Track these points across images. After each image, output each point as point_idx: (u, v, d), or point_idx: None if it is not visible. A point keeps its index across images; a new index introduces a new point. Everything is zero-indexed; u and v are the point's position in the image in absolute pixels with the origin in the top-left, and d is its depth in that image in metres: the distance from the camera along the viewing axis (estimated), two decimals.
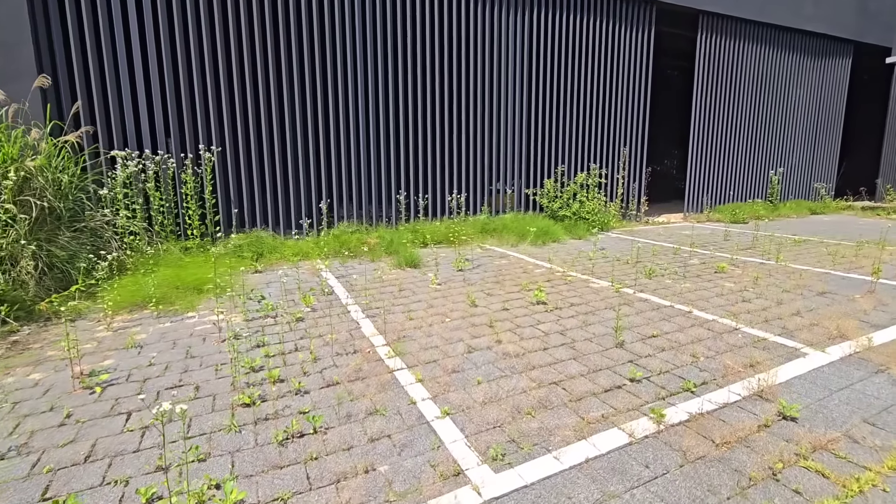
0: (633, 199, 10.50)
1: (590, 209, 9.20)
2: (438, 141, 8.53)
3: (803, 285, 5.16)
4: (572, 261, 6.52)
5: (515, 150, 9.15)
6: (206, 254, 6.45)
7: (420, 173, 8.45)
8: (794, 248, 7.41)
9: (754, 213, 11.58)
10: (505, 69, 8.84)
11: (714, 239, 8.44)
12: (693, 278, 5.53)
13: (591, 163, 9.93)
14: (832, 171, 13.90)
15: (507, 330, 3.93)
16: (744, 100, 11.84)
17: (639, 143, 10.39)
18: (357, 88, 7.76)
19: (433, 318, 4.23)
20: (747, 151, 12.18)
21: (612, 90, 9.95)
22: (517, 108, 9.03)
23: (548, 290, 5.08)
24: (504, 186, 9.18)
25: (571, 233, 8.63)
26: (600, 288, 5.15)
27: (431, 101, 8.37)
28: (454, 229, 8.20)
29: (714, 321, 4.06)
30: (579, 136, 9.75)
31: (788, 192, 13.12)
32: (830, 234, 9.08)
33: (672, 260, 6.59)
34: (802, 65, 12.59)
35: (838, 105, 13.55)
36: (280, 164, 7.42)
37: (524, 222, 8.57)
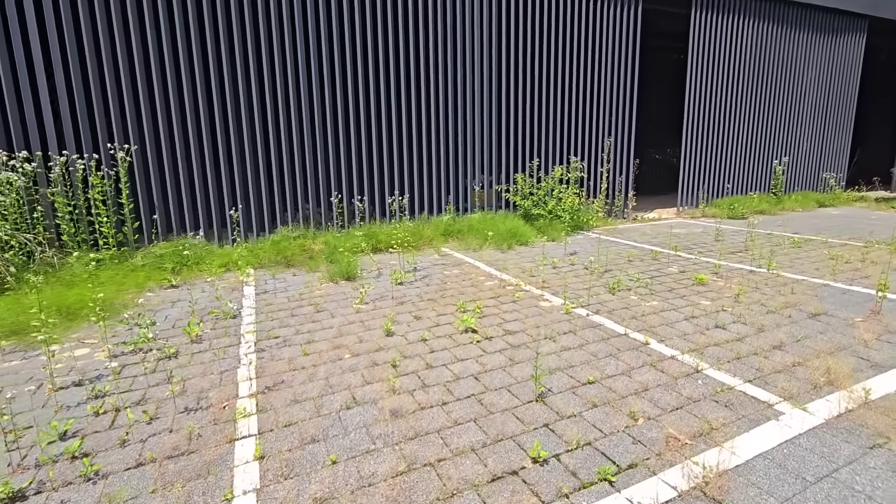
0: (619, 195, 9.61)
1: (567, 207, 8.36)
2: (396, 134, 7.73)
3: (794, 303, 4.32)
4: (532, 270, 5.72)
5: (485, 142, 8.32)
6: (122, 266, 5.77)
7: (376, 171, 7.67)
8: (791, 251, 6.52)
9: (755, 206, 10.62)
10: (471, 53, 7.98)
11: (704, 239, 7.56)
12: (664, 293, 4.71)
13: (570, 155, 9.06)
14: (843, 160, 12.83)
15: (411, 372, 3.17)
16: (744, 83, 10.82)
17: (625, 132, 9.48)
18: (300, 74, 6.97)
19: (331, 354, 3.49)
20: (748, 139, 11.19)
21: (595, 75, 9.03)
22: (486, 97, 8.17)
23: (488, 311, 4.30)
24: (472, 183, 8.36)
25: (544, 234, 7.81)
26: (550, 308, 4.36)
27: (386, 91, 7.55)
28: (414, 232, 7.43)
29: (672, 359, 3.26)
30: (557, 126, 8.87)
31: (794, 183, 12.11)
32: (837, 231, 8.14)
33: (647, 268, 5.76)
34: (810, 43, 11.51)
35: (851, 87, 12.45)
36: (211, 163, 6.68)
37: (493, 223, 7.76)
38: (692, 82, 10.07)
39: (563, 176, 8.91)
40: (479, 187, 8.39)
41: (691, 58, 9.95)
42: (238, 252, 6.40)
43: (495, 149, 8.41)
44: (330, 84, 7.16)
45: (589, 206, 9.18)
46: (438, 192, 8.18)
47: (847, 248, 6.67)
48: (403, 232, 7.37)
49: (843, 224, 8.93)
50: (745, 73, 10.77)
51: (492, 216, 8.13)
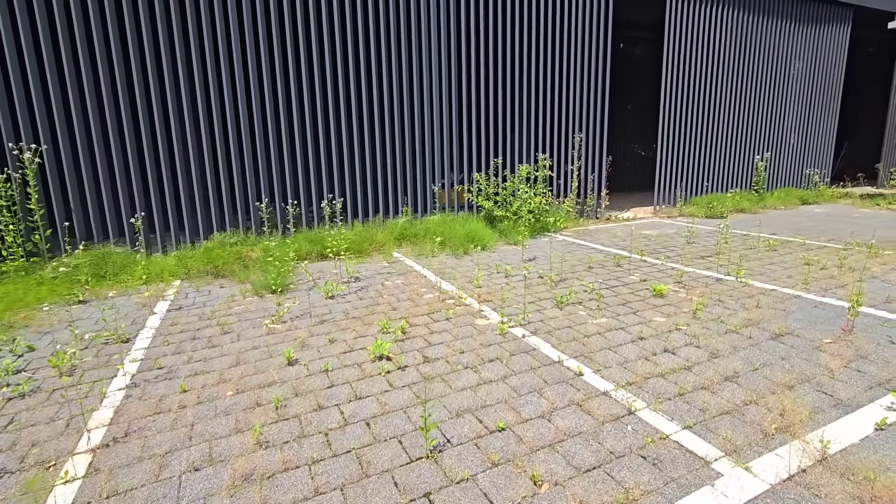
0: (591, 194, 9.13)
1: (533, 207, 7.86)
2: (346, 132, 7.19)
3: (758, 321, 3.85)
4: (481, 279, 5.22)
5: (444, 140, 7.79)
6: (28, 278, 5.22)
7: (324, 171, 7.13)
8: (765, 256, 6.06)
9: (735, 205, 10.18)
10: (427, 44, 7.44)
11: (675, 242, 7.10)
12: (617, 308, 4.22)
13: (538, 153, 8.56)
14: (828, 155, 12.42)
15: (294, 416, 2.66)
16: (724, 75, 10.35)
17: (597, 128, 8.99)
18: (247, 64, 6.42)
19: (212, 391, 2.98)
20: (729, 134, 10.73)
21: (565, 67, 8.52)
22: (445, 91, 7.64)
23: (415, 331, 3.80)
24: (431, 183, 7.83)
25: (507, 237, 7.32)
26: (486, 327, 3.86)
27: (334, 87, 7.01)
28: (365, 236, 6.92)
29: (604, 396, 2.77)
30: (524, 121, 8.36)
31: (777, 180, 11.69)
32: (817, 232, 7.70)
33: (607, 276, 5.27)
34: (793, 34, 11.06)
35: (835, 80, 12.02)
36: (136, 162, 6.11)
37: (452, 225, 7.25)
38: (668, 75, 9.59)
39: (529, 174, 8.41)
40: (438, 188, 7.87)
41: (667, 49, 9.47)
42: (167, 261, 5.86)
43: (456, 146, 7.90)
44: (283, 81, 6.61)
45: (558, 207, 8.69)
46: (395, 192, 7.66)
47: (825, 252, 6.22)
48: (354, 236, 6.87)
49: (825, 223, 8.50)
50: (725, 64, 10.30)
51: (452, 218, 7.62)
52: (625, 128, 14.88)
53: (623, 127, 14.82)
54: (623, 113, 14.66)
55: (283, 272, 5.29)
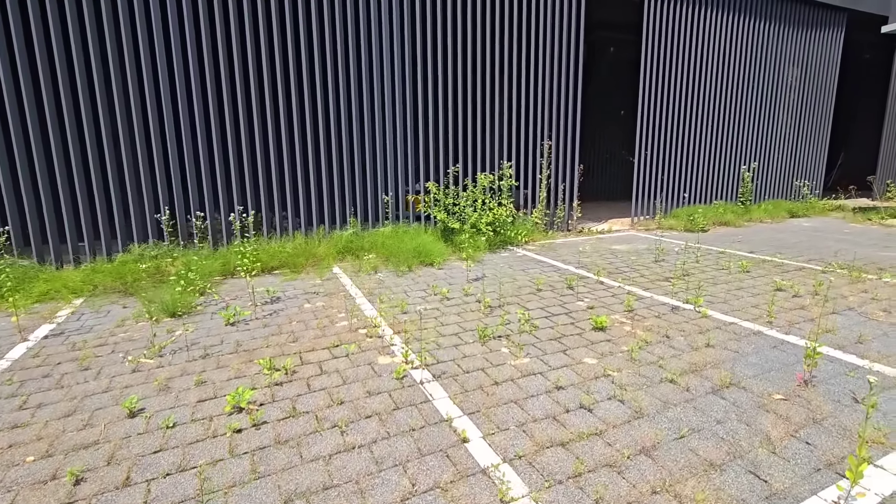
0: (561, 205, 8.57)
1: (492, 219, 7.31)
2: (286, 135, 6.66)
3: (703, 365, 3.28)
4: (411, 303, 4.67)
5: (399, 145, 7.25)
6: None
7: (262, 178, 6.60)
8: (735, 279, 5.49)
9: (719, 217, 9.61)
10: (378, 43, 6.92)
11: (643, 259, 6.53)
12: (546, 345, 3.66)
13: (502, 160, 8.01)
14: (819, 166, 11.83)
15: (81, 499, 2.11)
16: (707, 81, 9.80)
17: (568, 134, 8.44)
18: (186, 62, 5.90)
19: (13, 455, 2.43)
20: (714, 142, 10.17)
21: (532, 69, 7.98)
22: (399, 94, 7.11)
23: (304, 370, 3.25)
24: (382, 193, 7.28)
25: (461, 252, 6.76)
26: (384, 367, 3.31)
27: (272, 91, 6.49)
28: (305, 250, 6.38)
29: (481, 476, 2.21)
30: (486, 126, 7.82)
31: (765, 191, 11.10)
32: (799, 250, 7.12)
33: (551, 302, 4.71)
34: (783, 37, 10.50)
35: (828, 87, 11.45)
36: (43, 162, 5.60)
37: (402, 238, 6.71)
38: (647, 78, 9.04)
39: (492, 184, 7.86)
40: (390, 197, 7.31)
41: (645, 50, 8.92)
42: (73, 276, 5.33)
43: (412, 153, 7.35)
44: (215, 79, 6.09)
45: (524, 219, 8.14)
46: (342, 202, 7.11)
47: (802, 275, 5.64)
48: (292, 250, 6.34)
49: (810, 240, 7.91)
50: (709, 69, 9.75)
51: (405, 230, 7.07)
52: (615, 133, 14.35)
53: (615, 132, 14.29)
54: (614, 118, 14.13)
55: (189, 292, 4.76)
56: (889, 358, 3.35)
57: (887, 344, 3.59)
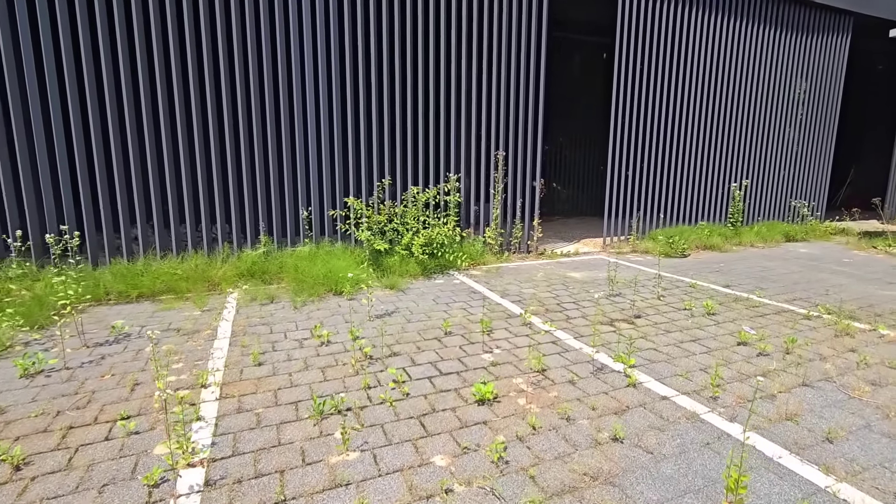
0: (518, 223, 7.61)
1: (427, 241, 6.38)
2: (184, 132, 5.82)
3: (595, 477, 2.31)
4: (282, 349, 3.76)
5: (324, 152, 6.37)
6: None
7: (153, 187, 5.75)
8: (696, 324, 4.49)
9: (703, 240, 8.58)
10: (298, 38, 6.07)
11: (594, 294, 5.55)
12: (400, 426, 2.71)
13: (448, 172, 7.09)
14: (822, 184, 10.73)
15: None
16: (693, 87, 8.81)
17: (528, 144, 7.50)
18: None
19: None
20: (699, 157, 9.16)
21: (485, 69, 7.08)
22: (323, 92, 6.24)
23: (39, 462, 2.35)
24: (301, 207, 6.38)
25: (385, 278, 5.84)
26: (150, 462, 2.39)
27: (182, 91, 5.66)
28: (199, 272, 5.51)
29: None
30: (429, 134, 6.91)
31: (759, 211, 10.03)
32: (787, 283, 6.09)
33: (451, 353, 3.76)
34: (781, 43, 9.49)
35: (833, 96, 10.39)
36: None
37: (320, 261, 5.81)
38: (622, 84, 8.08)
39: (436, 199, 6.94)
40: (307, 213, 6.39)
41: (619, 52, 7.98)
42: None
43: (340, 163, 6.46)
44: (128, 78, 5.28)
45: (473, 239, 7.20)
46: (254, 216, 6.23)
47: (781, 321, 4.63)
48: (184, 271, 5.47)
49: (802, 271, 6.85)
50: (695, 74, 8.77)
51: (327, 250, 6.17)
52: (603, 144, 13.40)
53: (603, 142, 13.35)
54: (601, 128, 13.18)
55: (17, 326, 3.90)
56: (864, 474, 2.35)
57: (867, 446, 2.59)
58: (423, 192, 6.81)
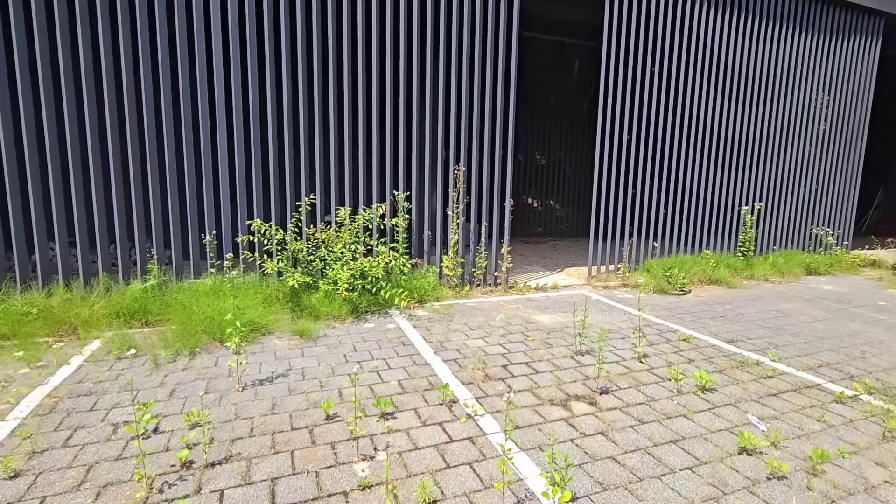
0: (481, 251, 6.41)
1: (366, 271, 5.21)
2: (54, 134, 4.77)
3: None
4: (68, 443, 2.62)
5: (237, 165, 5.28)
6: None
7: (10, 200, 4.69)
8: (680, 411, 3.23)
9: (707, 273, 7.29)
10: (203, 25, 5.02)
11: (558, 349, 4.31)
12: None
13: (396, 190, 5.95)
14: (848, 208, 9.37)
15: None
16: (697, 96, 7.61)
17: (494, 157, 6.34)
18: None
19: None
20: (704, 175, 7.91)
21: (442, 70, 5.97)
22: (236, 93, 5.17)
23: None
24: (201, 232, 5.25)
25: (300, 320, 4.67)
26: None
27: (76, 90, 4.63)
28: (64, 311, 4.41)
29: None
30: (373, 144, 5.79)
31: (774, 238, 8.71)
32: (809, 338, 4.79)
33: (295, 466, 2.57)
34: (801, 47, 8.26)
35: (860, 109, 9.08)
36: None
37: (223, 297, 4.69)
38: (609, 90, 6.91)
39: (381, 221, 5.79)
40: (207, 239, 5.24)
41: (608, 52, 6.82)
42: None
43: (258, 179, 5.36)
44: None
45: (427, 270, 6.02)
46: (145, 240, 5.13)
47: (800, 408, 3.35)
48: (40, 311, 4.39)
49: (827, 319, 5.54)
50: (699, 79, 7.56)
51: (237, 285, 5.04)
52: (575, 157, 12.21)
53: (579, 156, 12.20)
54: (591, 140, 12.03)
55: None
56: None
57: None
58: (361, 212, 5.66)
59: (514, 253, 9.63)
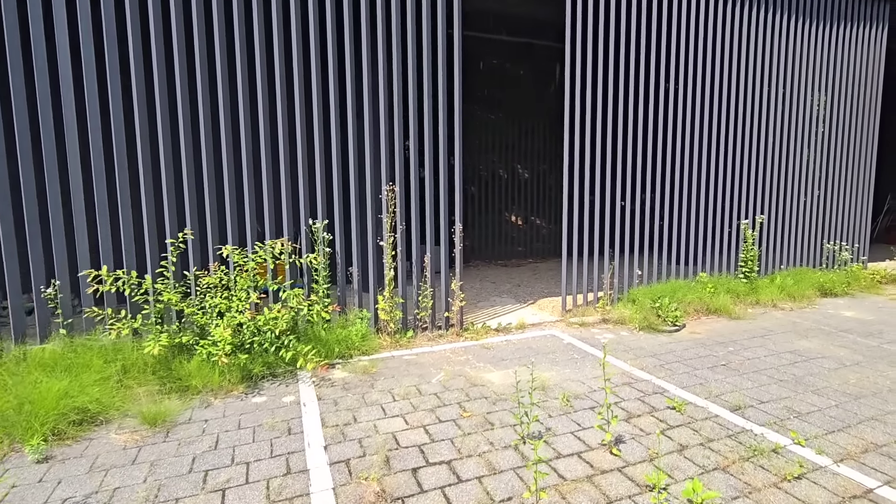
0: (425, 289, 5.24)
1: (262, 324, 4.06)
2: None
3: None
4: None
5: (100, 201, 4.17)
6: None
7: None
8: None
9: (705, 300, 6.14)
10: None
11: (500, 433, 3.12)
12: None
13: (312, 218, 4.83)
14: (862, 218, 8.25)
15: None
16: (685, 90, 6.55)
17: (438, 174, 5.23)
18: None
19: None
20: (696, 186, 6.81)
21: (366, 72, 4.91)
22: (92, 103, 4.10)
23: None
24: (42, 283, 4.09)
25: (164, 399, 3.51)
26: None
27: None
28: None
29: None
30: (278, 162, 4.69)
31: (780, 256, 7.57)
32: (839, 399, 3.61)
33: None
34: (802, 35, 7.24)
35: (871, 104, 8.03)
36: None
37: (64, 369, 3.54)
38: (576, 82, 5.84)
39: (286, 258, 4.65)
40: (52, 289, 4.07)
41: (572, 41, 5.77)
42: None
43: (125, 211, 4.25)
44: None
45: (357, 314, 4.87)
46: None
47: None
48: None
49: (859, 363, 4.36)
50: (686, 72, 6.52)
51: (97, 347, 3.89)
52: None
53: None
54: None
55: None
56: None
57: None
58: (233, 250, 4.50)
59: (485, 280, 8.51)
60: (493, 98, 10.63)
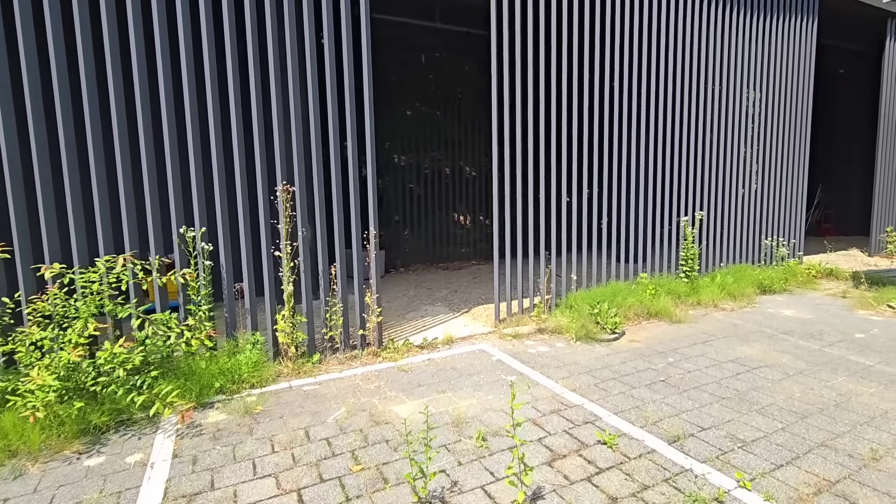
0: (334, 304, 4.53)
1: (90, 367, 3.23)
2: None
3: None
4: None
5: None
6: None
7: None
8: None
9: (644, 304, 5.77)
10: None
11: (387, 494, 2.51)
12: None
13: (187, 225, 4.02)
14: (796, 213, 8.23)
15: None
16: (617, 84, 6.16)
17: (347, 171, 4.54)
18: None
19: None
20: (632, 182, 6.45)
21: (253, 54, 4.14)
22: None
23: None
24: None
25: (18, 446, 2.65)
26: None
27: None
28: None
29: None
30: (139, 157, 3.86)
31: (720, 254, 7.38)
32: (787, 419, 3.20)
33: None
34: (734, 28, 7.03)
35: (802, 99, 7.99)
36: None
37: None
38: (501, 72, 5.30)
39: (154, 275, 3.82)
40: None
41: (498, 39, 5.22)
42: None
43: None
44: None
45: (250, 338, 4.10)
46: None
47: None
48: None
49: (803, 371, 4.04)
50: (618, 64, 6.12)
51: None
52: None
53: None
54: None
55: None
56: None
57: None
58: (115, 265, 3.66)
59: (420, 286, 7.87)
60: (437, 94, 10.01)
